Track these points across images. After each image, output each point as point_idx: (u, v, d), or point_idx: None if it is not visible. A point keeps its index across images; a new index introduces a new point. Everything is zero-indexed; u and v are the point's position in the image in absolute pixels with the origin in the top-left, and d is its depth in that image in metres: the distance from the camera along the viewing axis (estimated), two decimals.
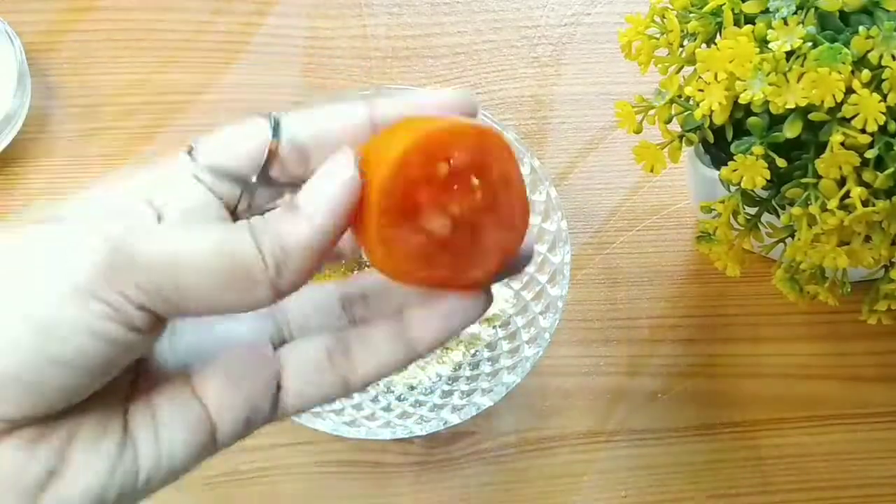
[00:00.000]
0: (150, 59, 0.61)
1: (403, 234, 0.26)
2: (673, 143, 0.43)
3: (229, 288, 0.25)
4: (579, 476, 0.52)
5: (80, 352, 0.25)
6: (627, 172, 0.58)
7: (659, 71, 0.43)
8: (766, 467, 0.52)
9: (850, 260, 0.41)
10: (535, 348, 0.50)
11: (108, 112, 0.59)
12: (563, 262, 0.51)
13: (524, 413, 0.53)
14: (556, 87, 0.61)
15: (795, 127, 0.39)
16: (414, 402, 0.51)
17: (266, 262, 0.25)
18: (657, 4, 0.43)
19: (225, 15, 0.63)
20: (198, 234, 0.25)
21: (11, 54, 0.57)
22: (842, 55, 0.37)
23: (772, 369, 0.54)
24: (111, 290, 0.24)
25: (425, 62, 0.61)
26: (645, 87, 0.45)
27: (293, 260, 0.25)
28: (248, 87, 0.60)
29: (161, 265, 0.25)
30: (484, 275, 0.28)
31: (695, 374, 0.54)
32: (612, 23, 0.62)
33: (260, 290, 0.25)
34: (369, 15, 0.63)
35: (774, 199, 0.42)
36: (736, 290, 0.56)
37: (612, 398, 0.53)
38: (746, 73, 0.38)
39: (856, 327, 0.49)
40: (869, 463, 0.52)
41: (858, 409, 0.53)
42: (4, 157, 0.57)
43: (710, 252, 0.46)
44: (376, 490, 0.51)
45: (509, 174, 0.28)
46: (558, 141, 0.59)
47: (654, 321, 0.55)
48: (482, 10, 0.63)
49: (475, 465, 0.52)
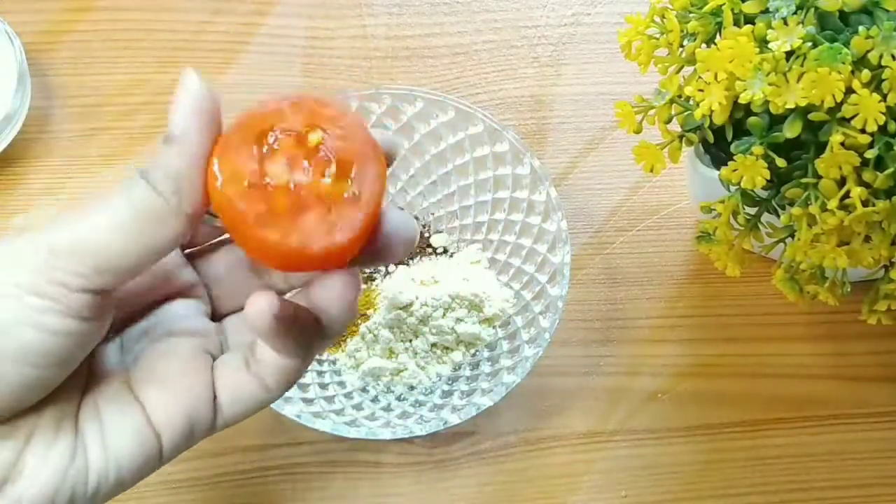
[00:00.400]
0: (150, 59, 0.61)
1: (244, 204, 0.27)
2: (673, 143, 0.43)
3: (147, 234, 0.27)
4: (579, 476, 0.52)
5: (25, 345, 0.26)
6: (627, 172, 0.58)
7: (659, 71, 0.43)
8: (766, 467, 0.52)
9: (850, 260, 0.41)
10: (535, 348, 0.50)
11: (108, 112, 0.59)
12: (563, 262, 0.51)
13: (524, 413, 0.53)
14: (556, 87, 0.61)
15: (795, 127, 0.39)
16: (414, 402, 0.51)
17: (167, 198, 0.27)
18: (657, 4, 0.43)
19: (225, 15, 0.63)
20: (104, 206, 0.27)
21: (11, 54, 0.57)
22: (842, 55, 0.37)
23: (772, 369, 0.54)
24: (48, 283, 0.26)
25: (425, 62, 0.62)
26: (645, 87, 0.45)
27: (183, 182, 0.27)
28: (248, 87, 0.60)
29: (84, 244, 0.27)
30: (334, 240, 0.28)
31: (695, 374, 0.54)
32: (612, 23, 0.62)
33: (171, 223, 0.27)
34: (369, 15, 0.63)
35: (774, 199, 0.42)
36: (736, 290, 0.56)
37: (612, 398, 0.53)
38: (746, 73, 0.38)
39: (856, 327, 0.49)
40: (869, 463, 0.52)
41: (858, 409, 0.53)
42: (4, 157, 0.57)
43: (710, 252, 0.46)
44: (376, 490, 0.51)
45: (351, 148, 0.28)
46: (558, 141, 0.59)
47: (654, 321, 0.55)
48: (482, 10, 0.63)
49: (475, 465, 0.52)
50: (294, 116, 0.28)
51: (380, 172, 0.28)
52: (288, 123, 0.28)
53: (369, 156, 0.28)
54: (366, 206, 0.28)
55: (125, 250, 0.27)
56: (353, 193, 0.28)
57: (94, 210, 0.27)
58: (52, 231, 0.27)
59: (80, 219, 0.27)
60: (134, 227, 0.27)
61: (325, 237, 0.28)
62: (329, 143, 0.28)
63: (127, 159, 0.58)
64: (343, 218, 0.28)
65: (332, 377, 0.52)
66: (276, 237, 0.27)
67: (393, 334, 0.51)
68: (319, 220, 0.28)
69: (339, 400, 0.51)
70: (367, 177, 0.28)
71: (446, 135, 0.54)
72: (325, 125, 0.28)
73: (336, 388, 0.52)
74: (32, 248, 0.27)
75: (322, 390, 0.51)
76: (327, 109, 0.29)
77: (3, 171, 0.57)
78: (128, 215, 0.27)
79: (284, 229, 0.27)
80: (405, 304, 0.51)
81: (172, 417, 0.30)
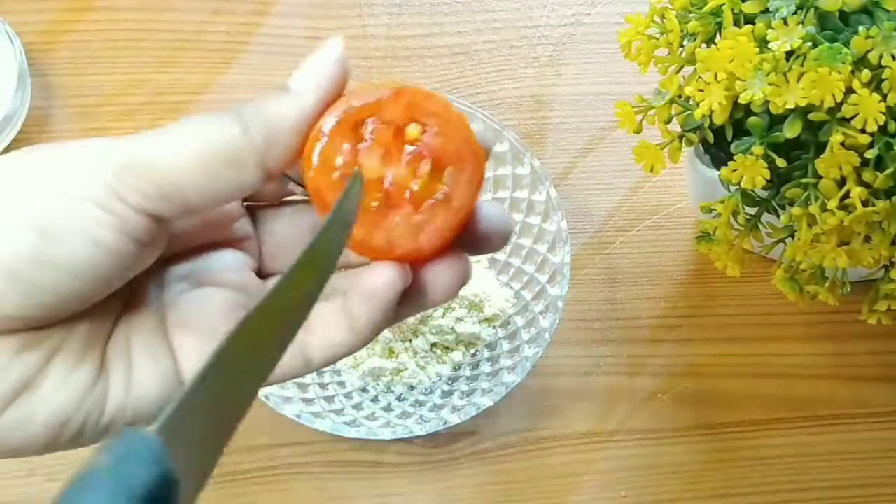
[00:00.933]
0: (150, 59, 0.61)
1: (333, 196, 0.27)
2: (673, 143, 0.43)
3: (223, 175, 0.26)
4: (579, 476, 0.52)
5: (75, 255, 0.26)
6: (627, 172, 0.58)
7: (659, 71, 0.43)
8: (766, 467, 0.52)
9: (850, 260, 0.41)
10: (535, 348, 0.50)
11: (108, 112, 0.59)
12: (563, 262, 0.51)
13: (524, 413, 0.53)
14: (556, 87, 0.61)
15: (795, 127, 0.39)
16: (414, 402, 0.51)
17: (254, 143, 0.26)
18: (657, 4, 0.43)
19: (225, 15, 0.63)
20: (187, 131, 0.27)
21: (11, 54, 0.57)
22: (842, 55, 0.37)
23: (772, 369, 0.54)
24: (113, 197, 0.26)
25: (425, 62, 0.61)
26: (645, 87, 0.45)
27: (281, 136, 0.27)
28: (248, 87, 0.60)
29: (159, 166, 0.26)
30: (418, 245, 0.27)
31: (695, 374, 0.54)
32: (612, 23, 0.62)
33: (251, 172, 0.27)
34: (369, 15, 0.63)
35: (774, 199, 0.42)
36: (736, 290, 0.56)
37: (612, 398, 0.53)
38: (746, 73, 0.38)
39: (856, 327, 0.49)
40: (869, 463, 0.52)
41: (858, 409, 0.53)
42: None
43: (710, 252, 0.46)
44: (376, 490, 0.51)
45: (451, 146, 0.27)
46: (558, 141, 0.59)
47: (654, 321, 0.55)
48: (482, 10, 0.63)
49: (475, 465, 0.52)
50: (394, 107, 0.27)
51: (475, 176, 0.27)
52: (387, 114, 0.27)
53: (467, 157, 0.27)
54: (455, 211, 0.27)
55: (198, 184, 0.26)
56: (444, 195, 0.27)
57: (175, 133, 0.26)
58: (128, 145, 0.26)
59: (160, 140, 0.26)
60: (212, 163, 0.26)
61: (408, 239, 0.27)
62: (427, 140, 0.27)
63: None
64: (430, 221, 0.27)
65: (332, 377, 0.52)
66: (360, 234, 0.27)
67: (393, 334, 0.51)
68: (406, 220, 0.27)
69: (339, 400, 0.51)
70: (462, 179, 0.27)
71: None
72: (424, 120, 0.27)
73: (336, 388, 0.52)
74: (106, 157, 0.26)
75: (322, 390, 0.51)
76: (429, 103, 0.27)
77: None
78: (210, 150, 0.26)
79: (369, 227, 0.27)
80: None
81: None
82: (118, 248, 0.26)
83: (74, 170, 0.26)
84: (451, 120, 0.28)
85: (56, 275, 0.26)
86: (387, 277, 0.27)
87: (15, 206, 0.26)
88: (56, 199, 0.26)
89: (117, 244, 0.26)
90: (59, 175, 0.26)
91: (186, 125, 0.27)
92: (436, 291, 0.29)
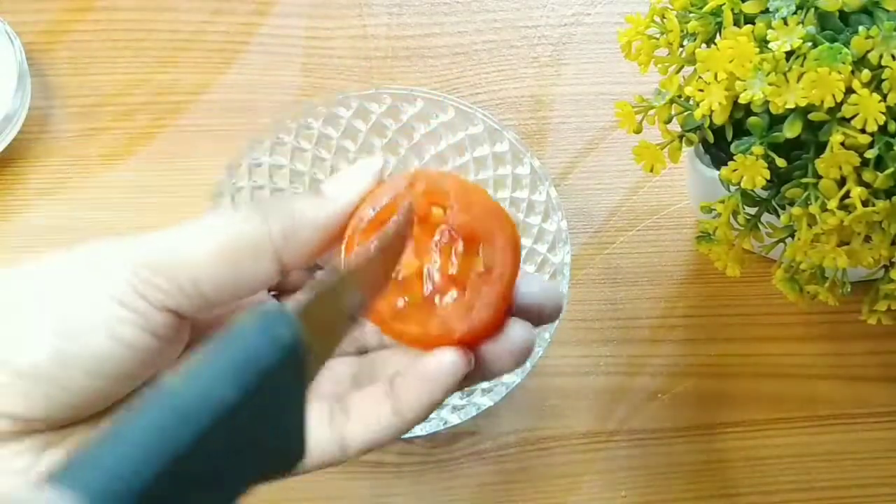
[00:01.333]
0: (150, 59, 0.61)
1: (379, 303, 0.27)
2: (673, 143, 0.43)
3: (241, 267, 0.26)
4: (579, 476, 0.52)
5: (97, 353, 0.26)
6: (627, 172, 0.58)
7: (659, 71, 0.43)
8: (766, 467, 0.52)
9: (850, 260, 0.40)
10: (535, 348, 0.49)
11: (108, 112, 0.59)
12: (563, 262, 0.51)
13: (524, 413, 0.53)
14: (556, 87, 0.61)
15: (795, 127, 0.39)
16: None
17: (272, 235, 0.27)
18: (657, 4, 0.43)
19: (225, 15, 0.63)
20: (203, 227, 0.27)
21: (11, 54, 0.57)
22: (842, 55, 0.37)
23: (772, 369, 0.54)
24: (134, 294, 0.26)
25: (425, 62, 0.61)
26: (645, 87, 0.45)
27: (301, 232, 0.27)
28: (248, 87, 0.60)
29: (176, 261, 0.26)
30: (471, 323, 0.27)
31: (695, 374, 0.54)
32: (612, 23, 0.62)
33: (266, 263, 0.27)
34: (369, 15, 0.63)
35: (774, 199, 0.42)
36: (736, 290, 0.56)
37: (612, 398, 0.53)
38: (746, 73, 0.38)
39: (856, 327, 0.49)
40: (869, 463, 0.52)
41: (858, 409, 0.53)
42: (4, 157, 0.57)
43: (710, 252, 0.46)
44: (376, 490, 0.51)
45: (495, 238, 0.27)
46: (558, 141, 0.59)
47: (654, 321, 0.55)
48: (482, 10, 0.63)
49: (475, 465, 0.52)
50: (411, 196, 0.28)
51: (509, 241, 0.27)
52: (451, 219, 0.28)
53: (494, 226, 0.27)
54: (499, 280, 0.27)
55: (214, 279, 0.26)
56: (484, 268, 0.27)
57: (193, 229, 0.27)
58: (146, 243, 0.27)
59: (177, 236, 0.27)
60: (229, 255, 0.26)
61: (464, 320, 0.27)
62: (452, 220, 0.27)
63: (127, 159, 0.58)
64: (478, 296, 0.27)
65: None
66: (416, 330, 0.27)
67: None
68: (455, 303, 0.27)
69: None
70: (497, 248, 0.27)
71: (446, 135, 0.54)
72: (443, 201, 0.27)
73: None
74: (123, 257, 0.26)
75: None
76: (443, 182, 0.28)
77: (3, 171, 0.57)
78: (228, 242, 0.26)
79: (422, 320, 0.27)
80: None
81: None
82: (140, 344, 0.26)
83: (94, 270, 0.26)
84: (469, 192, 0.28)
85: (78, 375, 0.26)
86: (450, 360, 0.27)
87: (36, 313, 0.26)
88: (77, 300, 0.26)
89: (139, 341, 0.26)
90: (78, 277, 0.26)
91: (205, 220, 0.27)
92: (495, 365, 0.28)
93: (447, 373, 0.27)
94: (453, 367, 0.27)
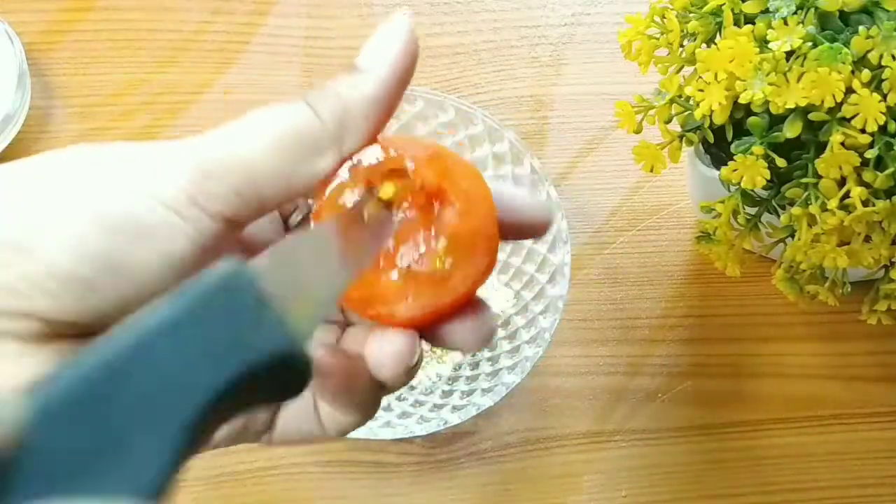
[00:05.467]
0: (150, 59, 0.61)
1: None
2: (673, 143, 0.43)
3: (300, 160, 0.25)
4: (579, 476, 0.52)
5: (140, 258, 0.24)
6: (627, 172, 0.58)
7: (659, 71, 0.43)
8: (766, 467, 0.52)
9: (850, 260, 0.41)
10: (535, 348, 0.49)
11: (108, 112, 0.59)
12: (563, 262, 0.51)
13: (524, 413, 0.53)
14: (556, 87, 0.61)
15: (795, 127, 0.39)
16: (414, 402, 0.51)
17: (327, 126, 0.25)
18: (657, 4, 0.43)
19: (225, 15, 0.63)
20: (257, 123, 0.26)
21: (11, 54, 0.57)
22: (842, 55, 0.37)
23: (772, 369, 0.54)
24: (189, 203, 0.24)
25: (425, 62, 0.61)
26: (645, 87, 0.45)
27: (355, 116, 0.26)
28: (248, 87, 0.60)
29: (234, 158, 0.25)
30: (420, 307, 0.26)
31: (695, 374, 0.54)
32: (612, 23, 0.62)
33: (325, 153, 0.26)
34: (369, 15, 0.63)
35: (774, 199, 0.42)
36: (736, 290, 0.56)
37: (612, 398, 0.53)
38: (746, 73, 0.38)
39: (856, 327, 0.49)
40: (869, 463, 0.52)
41: (858, 409, 0.53)
42: (4, 157, 0.57)
43: (710, 252, 0.46)
44: (376, 490, 0.51)
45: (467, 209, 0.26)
46: (558, 141, 0.59)
47: (654, 321, 0.55)
48: (482, 10, 0.63)
49: (475, 465, 0.52)
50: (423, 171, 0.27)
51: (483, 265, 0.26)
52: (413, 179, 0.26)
53: (480, 243, 0.26)
54: (451, 293, 0.26)
55: (274, 170, 0.25)
56: (445, 273, 0.26)
57: (249, 127, 0.25)
58: (202, 147, 0.25)
59: (233, 135, 0.25)
60: (289, 149, 0.25)
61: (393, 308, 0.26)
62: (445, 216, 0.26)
63: None
64: (421, 295, 0.26)
65: None
66: (355, 295, 0.26)
67: None
68: (398, 288, 0.26)
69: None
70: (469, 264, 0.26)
71: (446, 135, 0.54)
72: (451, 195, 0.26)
73: None
74: (182, 161, 0.25)
75: None
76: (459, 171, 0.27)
77: None
78: (285, 135, 0.25)
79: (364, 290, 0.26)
80: None
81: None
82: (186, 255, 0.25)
83: (151, 172, 0.25)
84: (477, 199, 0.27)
85: (118, 282, 0.24)
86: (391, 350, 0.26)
87: (87, 202, 0.24)
88: (133, 202, 0.24)
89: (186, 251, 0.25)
90: (135, 176, 0.25)
91: (258, 116, 0.26)
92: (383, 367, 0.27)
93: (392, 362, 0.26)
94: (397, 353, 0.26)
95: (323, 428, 0.29)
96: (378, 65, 0.26)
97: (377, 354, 0.27)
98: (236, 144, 0.25)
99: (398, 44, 0.26)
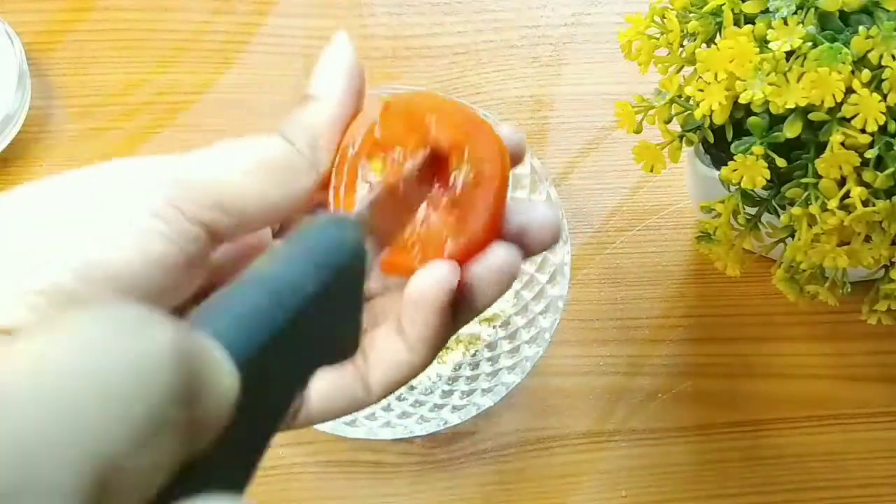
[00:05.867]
0: (150, 59, 0.61)
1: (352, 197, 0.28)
2: (673, 143, 0.43)
3: (280, 182, 0.27)
4: (579, 476, 0.52)
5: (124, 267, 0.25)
6: (627, 172, 0.58)
7: (659, 71, 0.43)
8: (766, 467, 0.52)
9: (850, 260, 0.41)
10: (535, 348, 0.50)
11: (108, 112, 0.59)
12: (563, 262, 0.51)
13: (524, 413, 0.53)
14: (556, 87, 0.61)
15: (795, 127, 0.39)
16: (414, 402, 0.51)
17: (301, 150, 0.28)
18: (657, 4, 0.43)
19: (225, 15, 0.63)
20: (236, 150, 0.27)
21: (11, 54, 0.57)
22: (842, 55, 0.37)
23: (772, 369, 0.54)
24: (170, 207, 0.25)
25: (425, 62, 0.61)
26: (645, 87, 0.45)
27: (324, 137, 0.28)
28: (248, 87, 0.60)
29: (215, 180, 0.26)
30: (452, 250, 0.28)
31: (695, 374, 0.54)
32: (612, 23, 0.62)
33: (304, 177, 0.28)
34: (369, 15, 0.63)
35: (774, 199, 0.42)
36: (736, 290, 0.56)
37: (612, 398, 0.53)
38: (746, 73, 0.38)
39: (856, 327, 0.49)
40: (869, 463, 0.52)
41: (858, 409, 0.53)
42: (4, 157, 0.57)
43: (710, 252, 0.46)
44: (376, 490, 0.51)
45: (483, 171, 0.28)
46: (558, 141, 0.59)
47: (654, 321, 0.55)
48: (482, 10, 0.63)
49: (475, 465, 0.52)
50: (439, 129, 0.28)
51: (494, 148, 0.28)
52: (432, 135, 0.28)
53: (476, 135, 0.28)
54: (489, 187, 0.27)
55: (257, 192, 0.27)
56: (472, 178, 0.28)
57: (225, 152, 0.27)
58: (182, 160, 0.26)
59: (212, 155, 0.27)
60: (268, 173, 0.27)
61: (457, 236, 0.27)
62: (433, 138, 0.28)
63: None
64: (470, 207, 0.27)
65: None
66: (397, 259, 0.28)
67: None
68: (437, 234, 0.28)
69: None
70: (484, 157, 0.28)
71: None
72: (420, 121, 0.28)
73: None
74: (159, 172, 0.26)
75: None
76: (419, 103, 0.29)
77: (3, 171, 0.57)
78: (263, 161, 0.27)
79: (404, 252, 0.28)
80: None
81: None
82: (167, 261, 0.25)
83: (127, 183, 0.26)
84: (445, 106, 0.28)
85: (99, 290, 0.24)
86: (433, 276, 0.27)
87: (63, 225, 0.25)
88: (107, 211, 0.25)
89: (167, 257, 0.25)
90: (108, 188, 0.26)
91: (233, 144, 0.27)
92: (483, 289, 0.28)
93: (433, 290, 0.27)
94: (436, 281, 0.27)
95: (369, 390, 0.29)
96: (331, 88, 0.29)
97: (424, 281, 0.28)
98: (216, 161, 0.27)
99: (344, 64, 0.29)
